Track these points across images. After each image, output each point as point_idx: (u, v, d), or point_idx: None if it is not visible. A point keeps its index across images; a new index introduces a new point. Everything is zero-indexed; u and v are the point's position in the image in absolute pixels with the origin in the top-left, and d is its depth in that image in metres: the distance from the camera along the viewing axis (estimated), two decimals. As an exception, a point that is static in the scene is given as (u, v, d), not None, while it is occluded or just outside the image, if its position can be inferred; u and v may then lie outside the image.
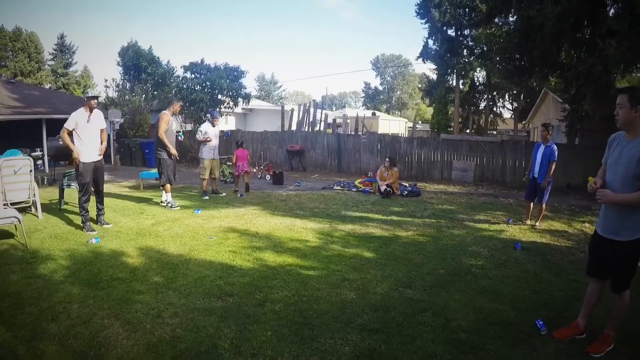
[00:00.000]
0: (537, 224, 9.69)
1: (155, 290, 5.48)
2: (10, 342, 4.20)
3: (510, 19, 20.49)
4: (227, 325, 4.56)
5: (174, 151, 10.48)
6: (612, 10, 14.72)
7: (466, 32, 35.02)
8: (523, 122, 40.88)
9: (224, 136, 12.38)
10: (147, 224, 8.97)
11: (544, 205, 9.72)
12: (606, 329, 4.36)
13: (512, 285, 5.98)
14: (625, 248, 4.06)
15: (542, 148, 9.56)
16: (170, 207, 10.62)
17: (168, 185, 10.69)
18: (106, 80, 23.24)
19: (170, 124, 10.48)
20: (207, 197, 12.10)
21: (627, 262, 4.15)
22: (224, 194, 12.71)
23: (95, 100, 8.40)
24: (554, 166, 9.42)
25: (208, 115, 12.54)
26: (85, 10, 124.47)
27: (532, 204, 9.94)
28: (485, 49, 32.53)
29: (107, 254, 6.90)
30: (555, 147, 9.50)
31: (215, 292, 5.41)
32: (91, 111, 8.26)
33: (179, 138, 10.92)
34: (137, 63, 23.32)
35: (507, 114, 47.67)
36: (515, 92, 39.26)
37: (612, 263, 4.23)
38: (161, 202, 10.99)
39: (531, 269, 6.68)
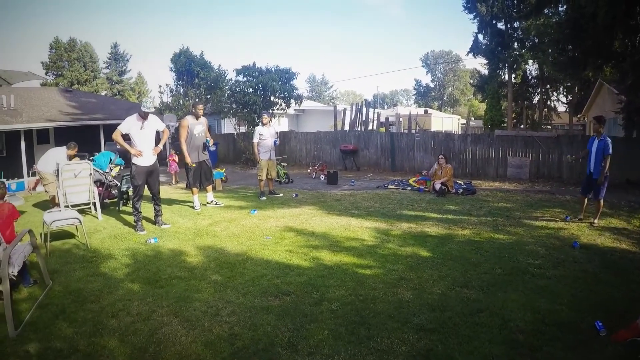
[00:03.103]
0: (596, 221, 9.37)
1: (214, 288, 5.56)
2: (71, 338, 4.34)
3: (560, 8, 20.05)
4: (284, 323, 4.59)
5: (188, 160, 10.33)
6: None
7: (516, 24, 34.32)
8: (578, 116, 39.60)
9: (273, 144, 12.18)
10: (204, 224, 9.10)
11: (601, 201, 9.43)
12: None
13: (570, 285, 5.81)
14: None
15: (596, 142, 9.31)
16: (206, 205, 11.00)
17: (195, 189, 10.73)
18: (160, 86, 23.73)
19: (191, 129, 10.37)
20: (264, 198, 12.19)
21: None
22: (280, 195, 12.76)
23: (148, 115, 8.62)
24: (609, 160, 9.14)
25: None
26: (137, 19, 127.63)
27: (586, 199, 9.66)
28: (536, 40, 31.84)
29: (166, 254, 7.04)
30: (609, 140, 9.22)
31: (273, 291, 5.45)
32: (144, 119, 8.47)
33: (207, 144, 10.67)
34: (189, 68, 23.66)
35: (561, 108, 46.53)
36: (569, 84, 38.14)
37: None
38: (207, 203, 11.15)
39: (590, 269, 6.47)
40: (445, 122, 49.56)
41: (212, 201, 11.15)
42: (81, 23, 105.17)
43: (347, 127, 23.47)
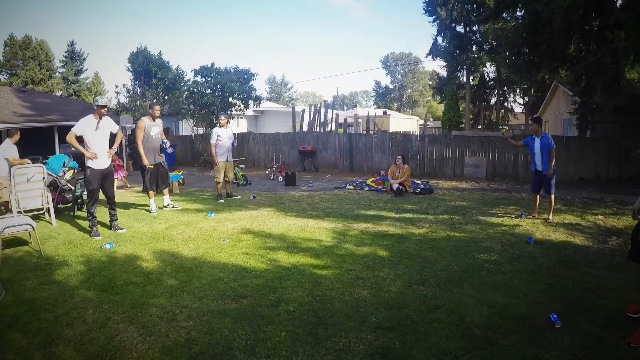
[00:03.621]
0: (550, 217, 9.67)
1: (170, 293, 5.50)
2: (26, 348, 4.23)
3: (518, 13, 20.46)
4: (241, 326, 4.57)
5: (145, 162, 10.22)
6: (619, 1, 14.68)
7: (475, 28, 34.88)
8: (534, 116, 40.53)
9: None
10: (161, 228, 9.01)
11: (552, 196, 9.73)
12: None
13: (525, 279, 5.98)
14: None
15: (537, 141, 9.70)
16: (162, 208, 10.87)
17: (151, 192, 10.62)
18: (117, 87, 23.31)
19: (147, 131, 10.26)
20: (222, 200, 12.12)
21: None
22: (238, 197, 12.72)
23: (105, 109, 8.45)
24: (555, 154, 9.55)
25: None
26: (94, 17, 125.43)
27: (538, 196, 9.97)
28: (494, 44, 32.41)
29: (122, 259, 6.93)
30: (550, 137, 9.69)
31: (230, 294, 5.43)
32: (100, 118, 8.32)
33: (163, 145, 10.58)
34: (147, 68, 23.32)
35: (518, 109, 47.44)
36: (525, 86, 38.93)
37: None
38: (164, 206, 11.04)
39: (545, 263, 6.67)
40: (404, 123, 50.09)
41: (168, 204, 11.04)
42: (37, 19, 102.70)
43: (305, 129, 23.52)
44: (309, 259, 6.85)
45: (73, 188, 10.72)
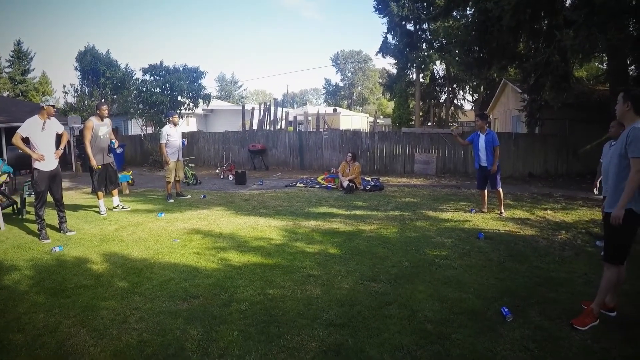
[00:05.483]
0: (502, 211, 9.94)
1: (121, 295, 5.46)
2: (-25, 355, 4.17)
3: (468, 11, 20.78)
4: (193, 327, 4.58)
5: (93, 163, 10.09)
6: (569, 1, 15.08)
7: (425, 25, 35.26)
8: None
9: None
10: (110, 230, 8.90)
11: (500, 190, 9.98)
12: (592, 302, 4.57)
13: (476, 274, 6.10)
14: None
15: (482, 137, 9.93)
16: (112, 210, 10.76)
17: (100, 193, 10.47)
18: (64, 86, 22.74)
19: (95, 131, 10.12)
20: (172, 200, 12.05)
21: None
22: (188, 196, 12.65)
23: (54, 108, 8.31)
24: (498, 150, 9.80)
25: (168, 117, 12.41)
26: (42, 15, 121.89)
27: (486, 192, 10.23)
28: (444, 42, 32.81)
29: (71, 262, 6.83)
30: (494, 133, 9.95)
31: (181, 295, 5.41)
32: (48, 118, 8.19)
33: (112, 145, 10.44)
34: (95, 67, 22.80)
35: (467, 106, 48.27)
36: (475, 83, 39.62)
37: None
38: (113, 207, 10.91)
39: (495, 258, 6.83)
40: (354, 120, 50.21)
41: (118, 205, 10.92)
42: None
43: (255, 127, 23.47)
44: (260, 258, 6.88)
45: (6, 192, 10.44)
